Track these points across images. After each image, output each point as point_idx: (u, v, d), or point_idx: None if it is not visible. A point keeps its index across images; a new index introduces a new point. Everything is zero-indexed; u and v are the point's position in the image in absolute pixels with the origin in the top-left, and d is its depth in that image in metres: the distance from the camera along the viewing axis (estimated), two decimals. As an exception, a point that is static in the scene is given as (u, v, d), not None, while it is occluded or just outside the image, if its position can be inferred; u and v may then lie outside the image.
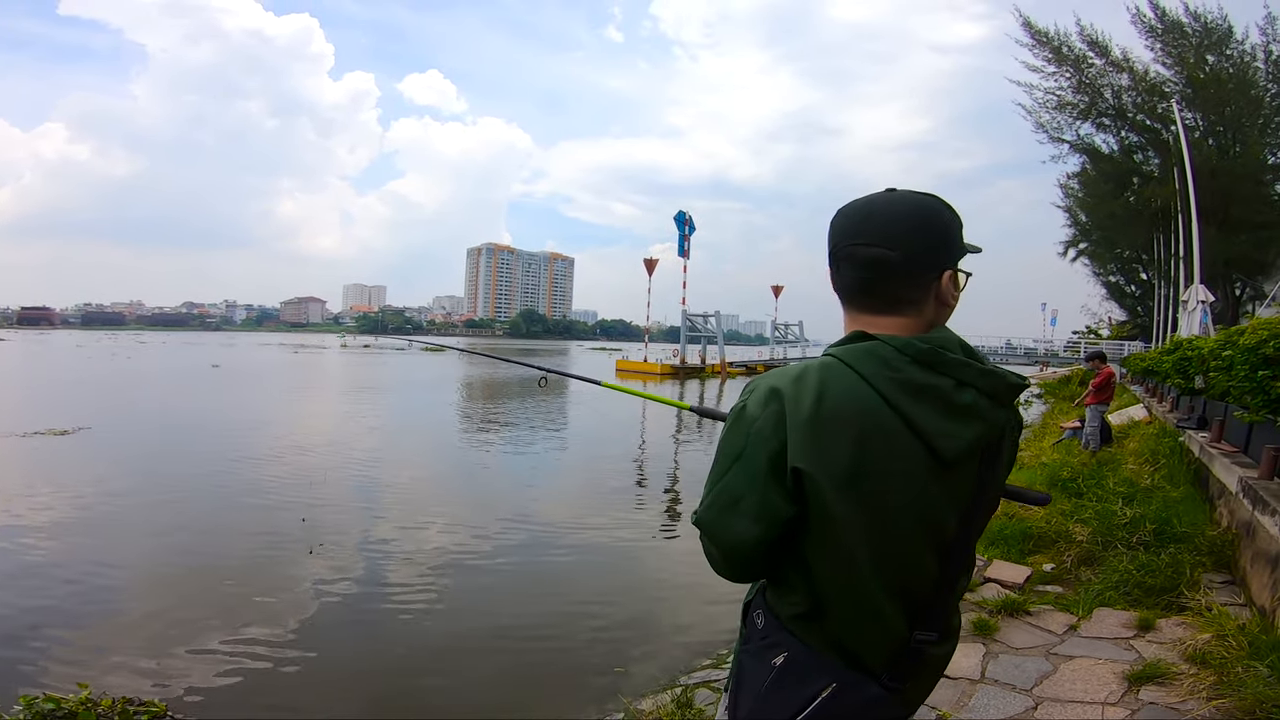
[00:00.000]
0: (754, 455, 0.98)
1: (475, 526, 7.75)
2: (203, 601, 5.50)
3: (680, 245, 44.37)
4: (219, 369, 35.63)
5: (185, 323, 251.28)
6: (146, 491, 9.08)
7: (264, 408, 19.88)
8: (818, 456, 0.94)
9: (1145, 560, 3.97)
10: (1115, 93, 23.81)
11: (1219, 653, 2.74)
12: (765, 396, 1.00)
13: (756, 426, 0.98)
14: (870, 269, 1.03)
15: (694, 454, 13.94)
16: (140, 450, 12.34)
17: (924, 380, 0.98)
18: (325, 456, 11.80)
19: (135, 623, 5.11)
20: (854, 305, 1.08)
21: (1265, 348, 4.84)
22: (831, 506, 0.95)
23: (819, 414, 0.95)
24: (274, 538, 7.17)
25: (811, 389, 0.97)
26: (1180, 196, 18.87)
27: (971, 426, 1.00)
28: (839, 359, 1.00)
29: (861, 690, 0.99)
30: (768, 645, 1.05)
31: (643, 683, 4.17)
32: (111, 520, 7.77)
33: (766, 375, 1.04)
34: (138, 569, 6.33)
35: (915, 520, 0.99)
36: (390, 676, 4.37)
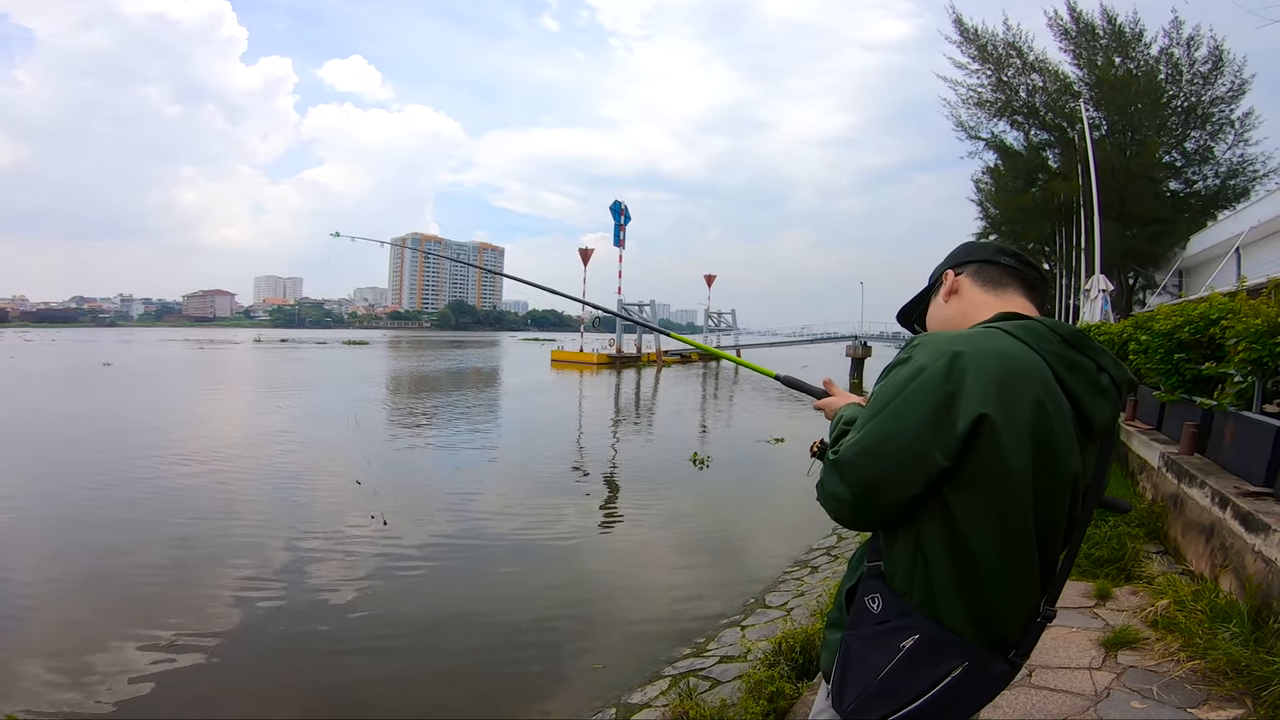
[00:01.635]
0: (918, 403, 1.01)
1: (418, 526, 7.49)
2: (115, 613, 5.18)
3: (616, 235, 44.36)
4: (111, 367, 32.97)
5: (75, 319, 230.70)
6: (46, 500, 8.35)
7: (166, 409, 18.54)
8: (1005, 407, 1.00)
9: (1089, 533, 4.24)
10: (1030, 91, 25.33)
11: (1180, 618, 2.97)
12: (938, 352, 1.04)
13: (927, 376, 1.02)
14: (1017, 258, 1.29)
15: (631, 446, 13.97)
16: (34, 456, 11.30)
17: (1074, 357, 1.09)
18: (240, 458, 11.12)
19: (45, 637, 4.79)
20: (988, 290, 1.27)
21: (1180, 333, 5.25)
22: (1010, 458, 0.99)
23: (1006, 370, 1.02)
24: (185, 547, 6.74)
25: (992, 349, 1.04)
26: (1083, 192, 20.26)
27: (1108, 406, 1.10)
28: (1004, 330, 1.10)
29: (990, 668, 1.02)
30: (892, 629, 1.04)
31: (623, 677, 4.14)
32: (8, 531, 7.18)
33: (928, 336, 1.11)
34: (44, 581, 5.88)
35: (1070, 484, 1.05)
36: (356, 687, 4.18)
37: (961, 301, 1.29)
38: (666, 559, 6.84)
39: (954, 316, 1.28)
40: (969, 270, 1.31)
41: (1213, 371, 4.59)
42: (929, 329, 1.36)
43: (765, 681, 3.05)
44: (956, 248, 1.39)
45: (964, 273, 1.31)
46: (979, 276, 1.29)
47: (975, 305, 1.27)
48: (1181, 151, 23.92)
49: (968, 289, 1.29)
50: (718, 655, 4.30)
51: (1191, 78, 22.38)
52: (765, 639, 4.22)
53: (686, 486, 9.91)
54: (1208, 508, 3.58)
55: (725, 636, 4.73)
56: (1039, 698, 2.62)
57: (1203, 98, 22.43)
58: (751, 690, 3.05)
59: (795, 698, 2.92)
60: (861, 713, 1.03)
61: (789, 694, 2.93)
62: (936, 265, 1.40)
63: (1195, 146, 23.57)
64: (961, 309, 1.28)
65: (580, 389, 27.27)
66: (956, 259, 1.34)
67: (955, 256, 1.35)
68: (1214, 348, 4.85)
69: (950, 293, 1.31)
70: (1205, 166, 23.84)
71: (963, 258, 1.33)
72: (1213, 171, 23.77)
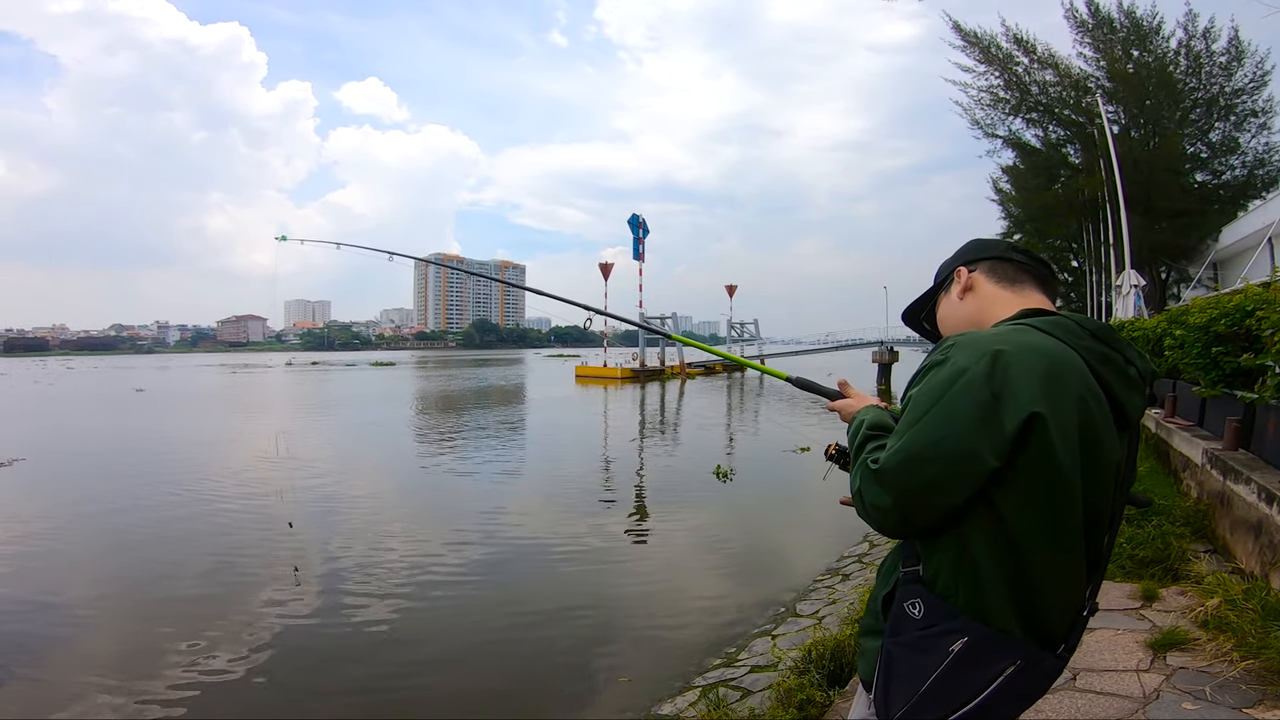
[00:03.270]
0: (964, 404, 0.99)
1: (447, 544, 7.53)
2: (163, 628, 5.28)
3: (635, 248, 44.40)
4: (143, 393, 33.88)
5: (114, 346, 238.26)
6: (93, 521, 8.60)
7: (202, 431, 18.96)
8: (1053, 404, 0.99)
9: (1132, 534, 4.13)
10: (1041, 88, 25.07)
11: (1231, 618, 2.86)
12: (978, 351, 1.02)
13: (970, 376, 1.00)
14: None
15: (656, 459, 13.92)
16: (79, 480, 11.62)
17: (1104, 351, 1.09)
18: (280, 478, 11.29)
19: (98, 653, 4.92)
20: (1004, 286, 1.26)
21: (1216, 326, 5.10)
22: (1061, 455, 0.98)
23: (1049, 366, 1.01)
24: (229, 561, 6.89)
25: (1032, 346, 1.04)
26: (1107, 187, 19.90)
27: (1138, 397, 1.11)
28: (1034, 326, 1.10)
29: (1041, 665, 1.02)
30: (938, 633, 1.02)
31: (654, 688, 4.10)
32: (62, 550, 7.42)
33: (963, 336, 1.09)
34: (94, 599, 6.03)
35: (1112, 477, 1.06)
36: (386, 699, 4.20)
37: (979, 299, 1.27)
38: (694, 572, 6.78)
39: (972, 314, 1.27)
40: (982, 267, 1.29)
41: (1251, 364, 4.45)
42: (942, 328, 1.35)
43: (795, 690, 3.00)
44: (965, 245, 1.37)
45: (977, 269, 1.29)
46: (994, 273, 1.28)
47: (994, 302, 1.25)
48: (1206, 143, 23.54)
49: (984, 286, 1.27)
50: (748, 665, 4.24)
51: (1211, 70, 22.09)
52: (796, 648, 4.16)
53: (711, 500, 9.83)
54: (1255, 504, 3.45)
55: (756, 646, 4.66)
56: (1084, 701, 2.54)
57: (1224, 89, 22.07)
58: (781, 699, 3.00)
59: (826, 705, 2.87)
60: (915, 717, 1.02)
61: (819, 701, 2.88)
62: (943, 262, 1.38)
63: (1219, 137, 23.22)
64: (980, 306, 1.26)
65: (605, 403, 27.30)
66: (968, 256, 1.32)
67: (966, 254, 1.33)
68: (1252, 339, 4.71)
69: (965, 290, 1.29)
70: (1231, 157, 23.45)
71: (974, 254, 1.32)
72: (1239, 162, 23.38)
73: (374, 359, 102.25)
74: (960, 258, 1.33)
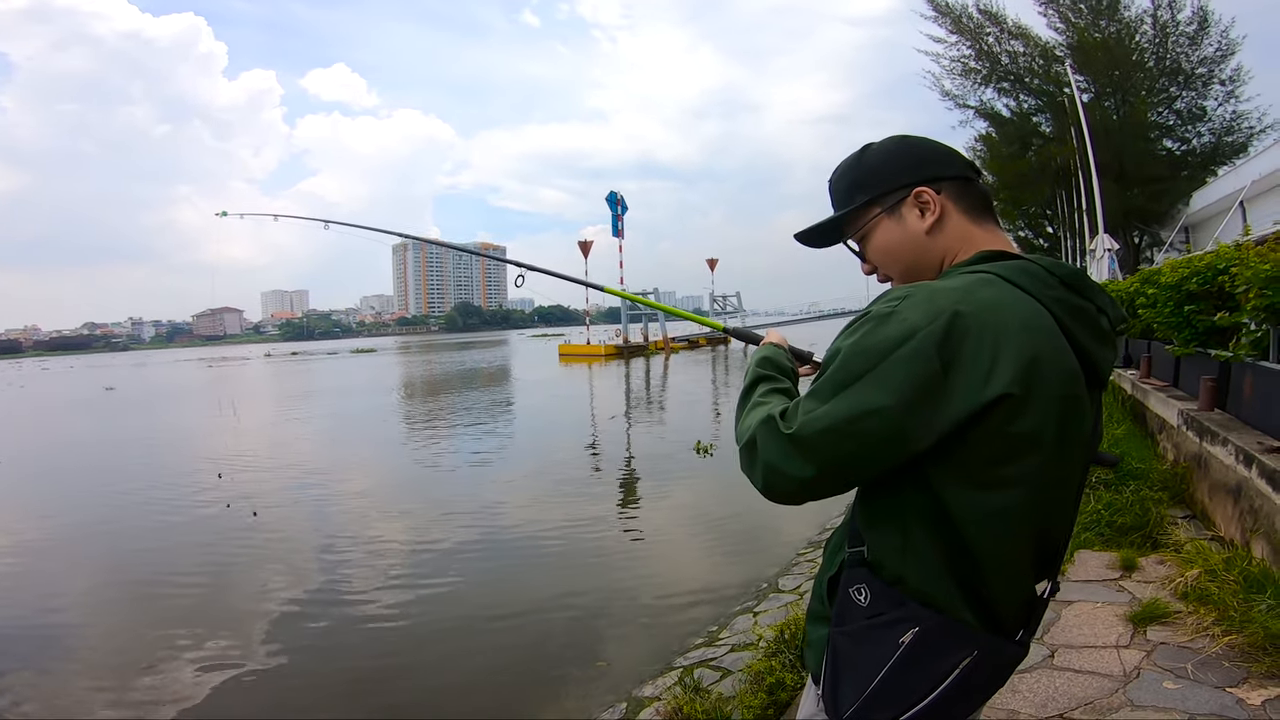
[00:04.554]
0: (906, 374, 0.83)
1: (429, 530, 7.41)
2: (161, 625, 5.23)
3: (614, 226, 44.11)
4: (113, 391, 33.35)
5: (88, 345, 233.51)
6: (77, 520, 8.48)
7: (183, 427, 18.60)
8: (1022, 378, 0.84)
9: (1110, 499, 4.07)
10: (1012, 58, 25.15)
11: (1212, 589, 2.80)
12: (934, 309, 0.85)
13: (920, 340, 0.83)
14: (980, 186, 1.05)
15: (638, 436, 13.85)
16: (60, 480, 11.43)
17: (1076, 302, 0.94)
18: (264, 469, 11.11)
19: (96, 653, 4.86)
20: (973, 220, 1.03)
21: (1188, 284, 5.07)
22: (1024, 438, 0.86)
23: (1018, 330, 0.86)
24: (219, 555, 6.82)
25: (996, 304, 0.87)
26: (1079, 154, 20.04)
27: (1111, 351, 0.99)
28: (998, 275, 0.92)
29: (1001, 653, 0.92)
30: (886, 622, 0.91)
31: (631, 669, 4.04)
32: (51, 552, 7.35)
33: (917, 287, 0.90)
34: (88, 598, 5.96)
35: (1083, 448, 0.94)
36: (359, 688, 4.11)
37: (947, 235, 1.02)
38: (677, 550, 6.73)
39: (932, 251, 1.02)
40: (949, 190, 1.02)
41: (1226, 322, 4.41)
42: (885, 263, 1.08)
43: (765, 672, 2.92)
44: (897, 145, 1.05)
45: (944, 191, 1.02)
46: (963, 201, 1.03)
47: (958, 239, 1.02)
48: (1174, 111, 23.92)
49: (954, 219, 1.02)
50: (729, 644, 4.18)
51: (1177, 39, 22.29)
52: (777, 623, 4.11)
53: (693, 475, 9.78)
54: (1233, 466, 3.41)
55: (738, 624, 4.61)
56: (1062, 680, 2.47)
57: (1190, 58, 22.28)
58: (752, 682, 2.92)
59: (797, 689, 2.80)
60: (865, 716, 0.91)
61: (790, 685, 2.81)
62: (862, 163, 1.06)
63: (1186, 106, 23.53)
64: (948, 245, 1.02)
65: (588, 382, 27.18)
66: (924, 169, 1.02)
67: (917, 164, 1.02)
68: (1225, 297, 4.68)
69: (933, 218, 1.01)
70: (1200, 124, 23.77)
71: (933, 168, 1.02)
72: (1207, 129, 23.71)
73: (355, 346, 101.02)
74: (911, 169, 1.02)
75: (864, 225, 1.07)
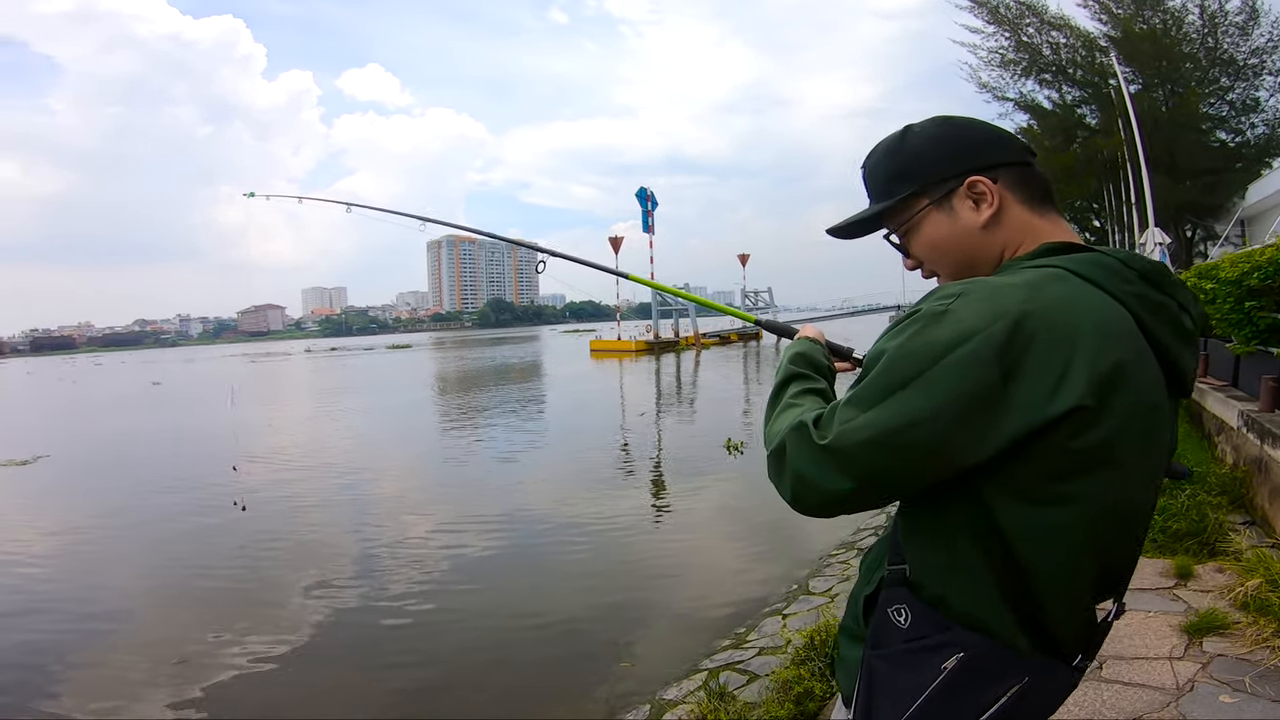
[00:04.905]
0: (960, 383, 0.74)
1: (459, 526, 7.49)
2: (200, 618, 5.33)
3: (644, 221, 44.09)
4: (159, 386, 34.59)
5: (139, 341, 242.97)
6: (117, 514, 8.70)
7: (224, 423, 19.16)
8: (1097, 389, 0.74)
9: (1165, 504, 3.88)
10: (1054, 49, 24.38)
11: (1273, 599, 2.64)
12: (996, 310, 0.75)
13: (978, 345, 0.74)
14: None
15: (669, 433, 13.80)
16: (101, 474, 11.83)
17: (1157, 298, 0.83)
18: (301, 463, 11.39)
19: (136, 646, 4.97)
20: (1033, 209, 0.91)
21: (1249, 279, 4.83)
22: (1099, 446, 0.76)
23: (1093, 333, 0.76)
24: (256, 548, 6.97)
25: (1067, 303, 0.77)
26: (1128, 146, 19.35)
27: (1193, 353, 0.87)
28: (1068, 269, 0.81)
29: (1054, 678, 0.84)
30: (928, 646, 0.83)
31: (657, 670, 4.00)
32: (90, 545, 7.50)
33: (975, 283, 0.80)
34: (129, 591, 6.09)
35: (1160, 462, 0.85)
36: (388, 684, 4.16)
37: (1006, 229, 0.90)
38: (706, 549, 6.67)
39: (989, 246, 0.91)
40: (1006, 178, 0.91)
41: (1291, 319, 4.18)
42: (935, 259, 0.96)
43: (793, 681, 2.84)
44: (952, 130, 0.93)
45: (1001, 179, 0.90)
46: (1022, 190, 0.91)
47: (1019, 231, 0.90)
48: (1227, 102, 23.04)
49: (1014, 211, 0.90)
50: (757, 647, 4.12)
51: (1227, 29, 21.45)
52: (806, 628, 4.03)
53: (723, 473, 9.70)
54: (1296, 471, 3.22)
55: (766, 626, 4.54)
56: (1111, 693, 2.36)
57: (1240, 48, 21.45)
58: (779, 690, 2.85)
59: (826, 698, 2.72)
60: None
61: (818, 694, 2.73)
62: (912, 152, 0.94)
63: (1238, 97, 22.62)
64: (1004, 237, 0.90)
65: (619, 378, 27.22)
66: (978, 157, 0.90)
67: (973, 149, 0.91)
68: (1289, 294, 4.44)
69: (990, 210, 0.89)
70: (1254, 115, 22.84)
71: (989, 155, 0.91)
72: (1261, 120, 22.77)
73: (390, 343, 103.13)
74: (963, 155, 0.91)
75: (909, 219, 0.95)
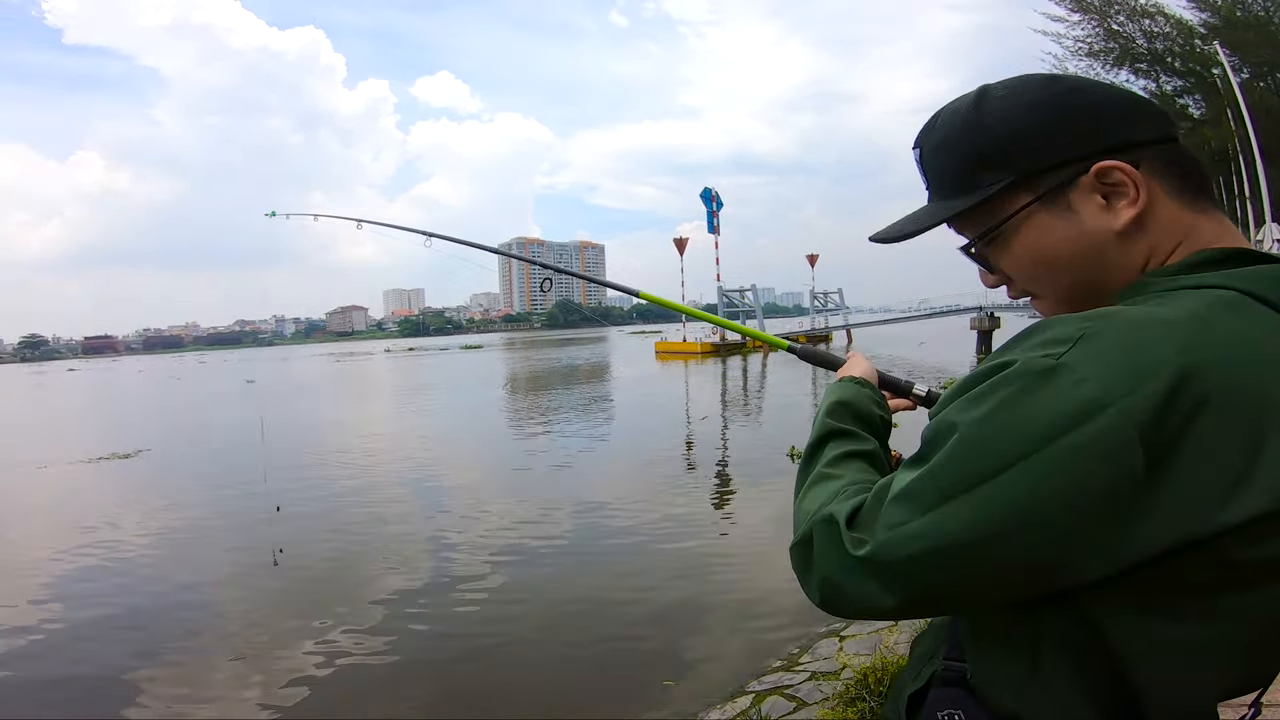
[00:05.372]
0: (1077, 473, 0.51)
1: (520, 525, 7.66)
2: (284, 610, 5.65)
3: (710, 222, 43.78)
4: (253, 384, 36.75)
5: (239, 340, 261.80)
6: (210, 507, 9.28)
7: (310, 419, 20.31)
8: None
9: None
10: (1148, 38, 22.67)
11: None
12: (1138, 360, 0.51)
13: (1111, 420, 0.50)
14: None
15: (732, 438, 13.66)
16: (198, 468, 12.66)
17: None
18: (378, 458, 12.00)
19: (228, 631, 5.30)
20: (1189, 204, 0.65)
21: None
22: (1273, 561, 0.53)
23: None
24: (337, 540, 7.41)
25: (1253, 347, 0.53)
26: (1238, 138, 17.83)
27: None
28: (1248, 292, 0.57)
29: None
30: None
31: (700, 689, 3.98)
32: (186, 537, 8.00)
33: (1103, 317, 0.56)
34: (222, 584, 6.47)
35: None
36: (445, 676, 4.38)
37: (1151, 232, 0.64)
38: (763, 559, 6.55)
39: (1126, 258, 0.64)
40: (1151, 161, 0.64)
41: None
42: (1028, 272, 0.70)
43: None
44: (1061, 95, 0.65)
45: (1144, 165, 0.63)
46: (1171, 175, 0.65)
47: (1172, 236, 0.64)
48: None
49: (1163, 205, 0.64)
50: (809, 670, 4.02)
51: None
52: (862, 653, 3.91)
53: (785, 482, 9.46)
54: None
55: (821, 648, 4.42)
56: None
57: None
58: (825, 734, 2.78)
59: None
60: None
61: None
62: (1001, 124, 0.66)
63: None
64: (1151, 246, 0.64)
65: (685, 380, 27.17)
66: (1111, 130, 0.64)
67: (1099, 121, 0.64)
68: None
69: (1133, 209, 0.63)
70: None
71: (1124, 129, 0.64)
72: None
73: (464, 343, 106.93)
74: (1084, 131, 0.64)
75: (999, 222, 0.68)
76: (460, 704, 4.15)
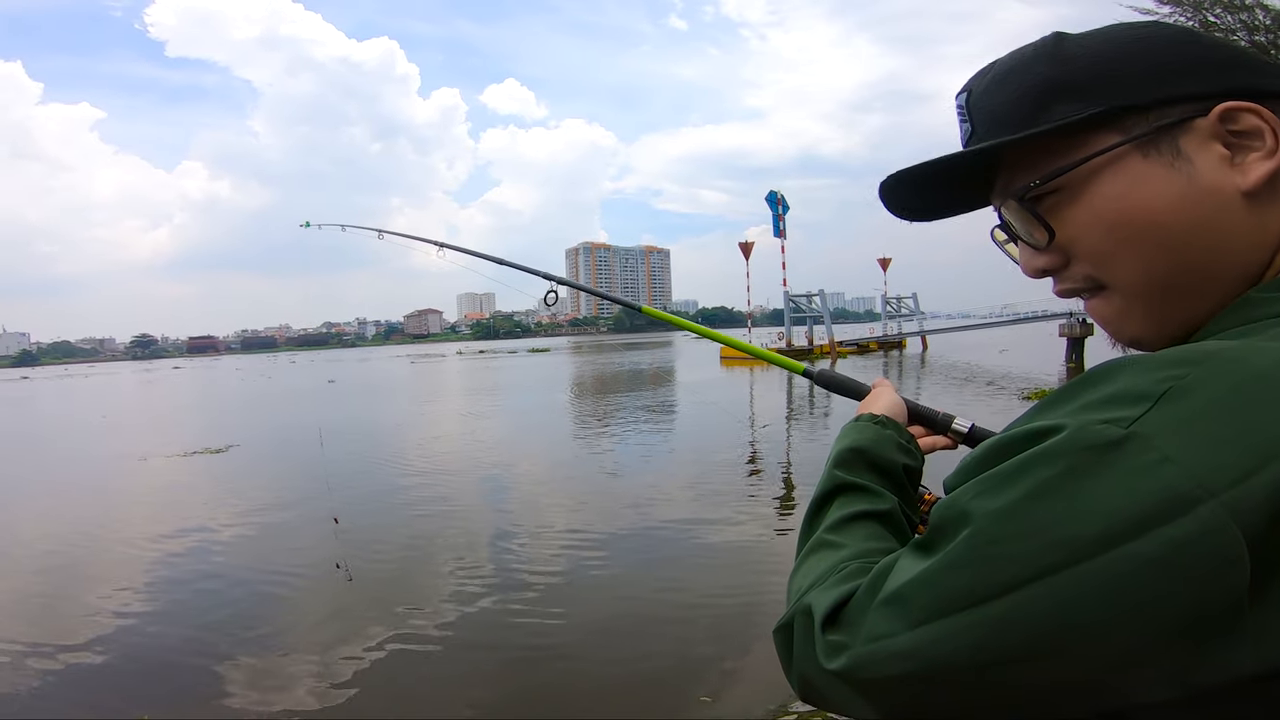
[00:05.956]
0: (1155, 592, 0.37)
1: (583, 527, 7.63)
2: (356, 606, 5.82)
3: (775, 226, 43.10)
4: (334, 384, 38.53)
5: (325, 341, 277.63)
6: (295, 503, 9.63)
7: (386, 419, 21.12)
8: None
9: None
10: (1249, 30, 20.67)
11: None
12: (1246, 436, 0.37)
13: (1204, 522, 0.36)
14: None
15: (802, 447, 13.25)
16: (284, 464, 13.35)
17: None
18: (447, 458, 12.33)
19: (302, 630, 5.44)
20: None
21: None
22: None
23: None
24: (409, 540, 7.61)
25: None
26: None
27: None
28: None
29: None
30: None
31: (740, 704, 3.80)
32: (272, 532, 8.33)
33: (1181, 364, 0.40)
34: (300, 576, 6.72)
35: None
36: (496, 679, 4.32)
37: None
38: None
39: (1250, 240, 0.47)
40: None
41: None
42: (1097, 246, 0.50)
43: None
44: (1165, 38, 0.49)
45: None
46: None
47: None
48: None
49: None
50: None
51: None
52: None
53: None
54: None
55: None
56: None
57: None
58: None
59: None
60: None
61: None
62: (1088, 55, 0.50)
63: None
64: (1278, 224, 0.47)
65: (750, 386, 26.73)
66: (1238, 71, 0.48)
67: (1219, 64, 0.48)
68: None
69: (1271, 164, 0.46)
70: None
71: (1252, 74, 0.48)
72: None
73: (531, 346, 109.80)
74: (1206, 69, 0.48)
75: (1073, 161, 0.50)
76: (505, 708, 4.12)
